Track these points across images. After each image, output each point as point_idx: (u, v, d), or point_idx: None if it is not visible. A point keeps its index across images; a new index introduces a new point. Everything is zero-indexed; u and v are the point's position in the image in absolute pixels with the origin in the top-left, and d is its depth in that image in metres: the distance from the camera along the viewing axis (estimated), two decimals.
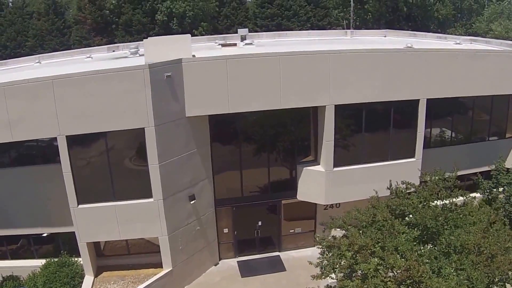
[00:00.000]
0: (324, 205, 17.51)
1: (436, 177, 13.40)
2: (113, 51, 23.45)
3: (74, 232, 15.07)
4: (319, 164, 16.85)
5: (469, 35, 33.41)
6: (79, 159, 14.36)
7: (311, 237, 18.41)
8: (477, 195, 18.12)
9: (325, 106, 15.59)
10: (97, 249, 16.33)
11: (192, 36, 34.76)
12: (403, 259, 11.19)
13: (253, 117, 16.17)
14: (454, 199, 13.28)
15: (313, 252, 13.90)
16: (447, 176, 13.65)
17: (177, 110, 14.60)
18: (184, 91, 14.56)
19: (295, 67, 15.04)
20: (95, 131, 13.97)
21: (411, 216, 12.67)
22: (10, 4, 45.51)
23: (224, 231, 17.87)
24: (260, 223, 18.19)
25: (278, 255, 18.38)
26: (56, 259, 15.80)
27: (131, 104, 13.74)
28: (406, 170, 16.70)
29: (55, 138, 13.93)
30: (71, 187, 14.32)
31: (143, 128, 13.97)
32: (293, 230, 18.47)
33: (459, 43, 21.27)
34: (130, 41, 32.89)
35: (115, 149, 14.73)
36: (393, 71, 15.81)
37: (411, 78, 16.05)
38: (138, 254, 16.51)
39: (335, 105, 15.60)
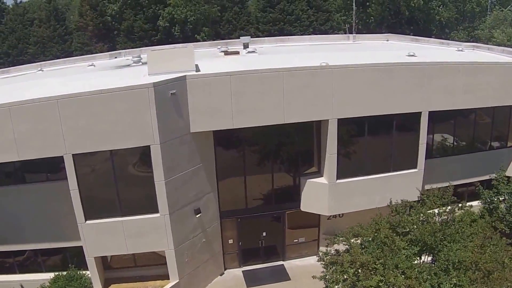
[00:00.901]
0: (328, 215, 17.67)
1: (434, 197, 13.65)
2: (115, 57, 23.52)
3: (81, 245, 15.28)
4: (322, 176, 16.99)
5: (471, 40, 33.31)
6: (85, 177, 14.52)
7: (314, 245, 18.66)
8: (478, 203, 18.25)
9: (328, 120, 15.74)
10: (104, 261, 16.52)
11: (194, 41, 34.53)
12: (403, 276, 11.38)
13: (257, 130, 16.30)
14: (452, 214, 13.53)
15: (315, 261, 14.06)
16: (446, 185, 13.85)
17: (181, 127, 14.76)
18: (188, 107, 14.72)
19: (298, 82, 15.16)
20: (101, 150, 14.14)
21: (411, 232, 12.87)
22: (10, 5, 45.26)
23: (229, 242, 18.07)
24: (264, 233, 18.38)
25: (282, 264, 18.57)
26: (64, 273, 15.98)
27: (137, 122, 13.90)
28: (408, 181, 16.95)
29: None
30: (78, 203, 14.50)
31: (149, 146, 14.16)
32: (297, 240, 18.65)
33: (461, 50, 21.27)
34: (131, 47, 33.02)
35: (121, 166, 14.90)
36: (395, 85, 15.92)
37: (413, 91, 16.15)
38: (145, 266, 16.70)
39: (338, 119, 15.74)
